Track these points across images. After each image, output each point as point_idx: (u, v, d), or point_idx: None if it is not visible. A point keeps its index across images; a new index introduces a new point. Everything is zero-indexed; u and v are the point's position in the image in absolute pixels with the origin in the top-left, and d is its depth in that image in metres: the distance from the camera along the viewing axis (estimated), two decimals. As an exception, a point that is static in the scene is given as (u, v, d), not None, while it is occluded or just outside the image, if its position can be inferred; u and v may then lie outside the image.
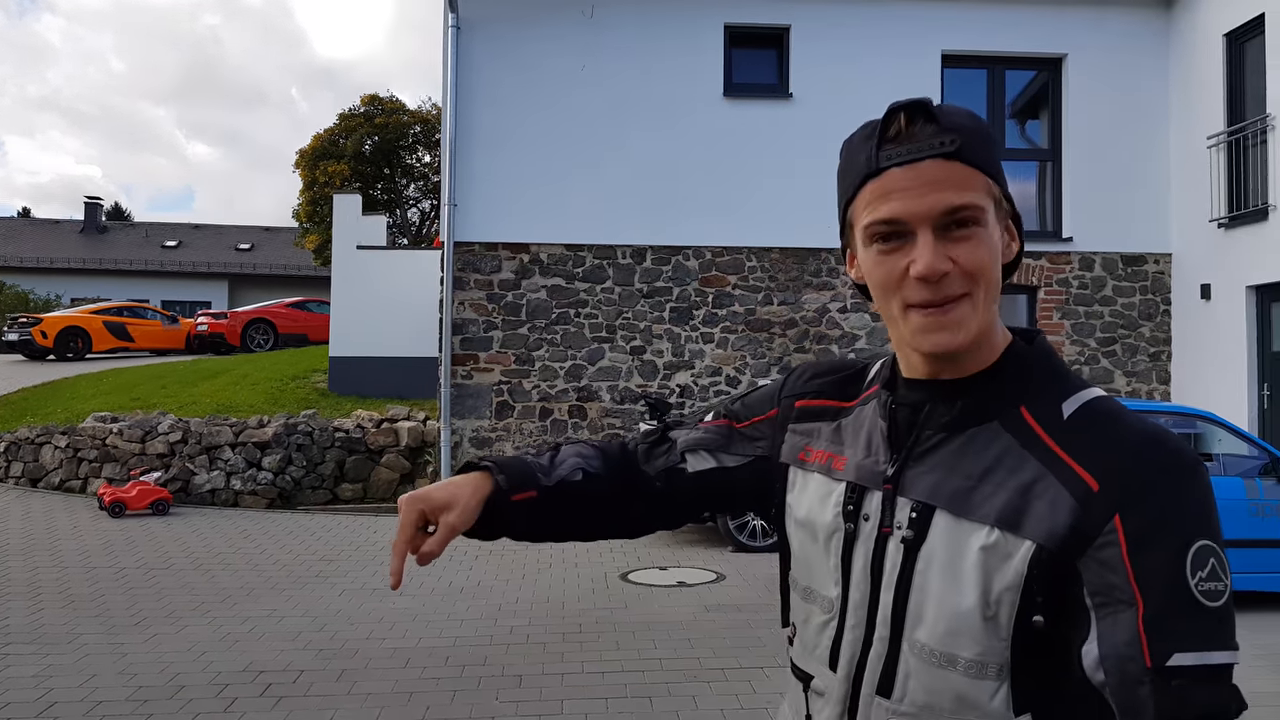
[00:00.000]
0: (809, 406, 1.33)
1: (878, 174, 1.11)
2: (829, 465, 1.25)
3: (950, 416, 1.15)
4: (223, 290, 39.52)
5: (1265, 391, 10.86)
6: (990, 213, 1.11)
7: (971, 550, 1.08)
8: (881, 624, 1.14)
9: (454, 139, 11.90)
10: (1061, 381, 1.15)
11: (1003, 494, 1.08)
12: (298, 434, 12.10)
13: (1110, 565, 1.01)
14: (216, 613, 6.84)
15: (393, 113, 33.71)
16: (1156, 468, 1.04)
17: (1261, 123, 10.77)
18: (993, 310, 1.13)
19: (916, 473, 1.15)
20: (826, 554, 1.21)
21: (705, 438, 1.42)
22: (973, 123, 1.13)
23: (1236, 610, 1.04)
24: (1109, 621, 1.01)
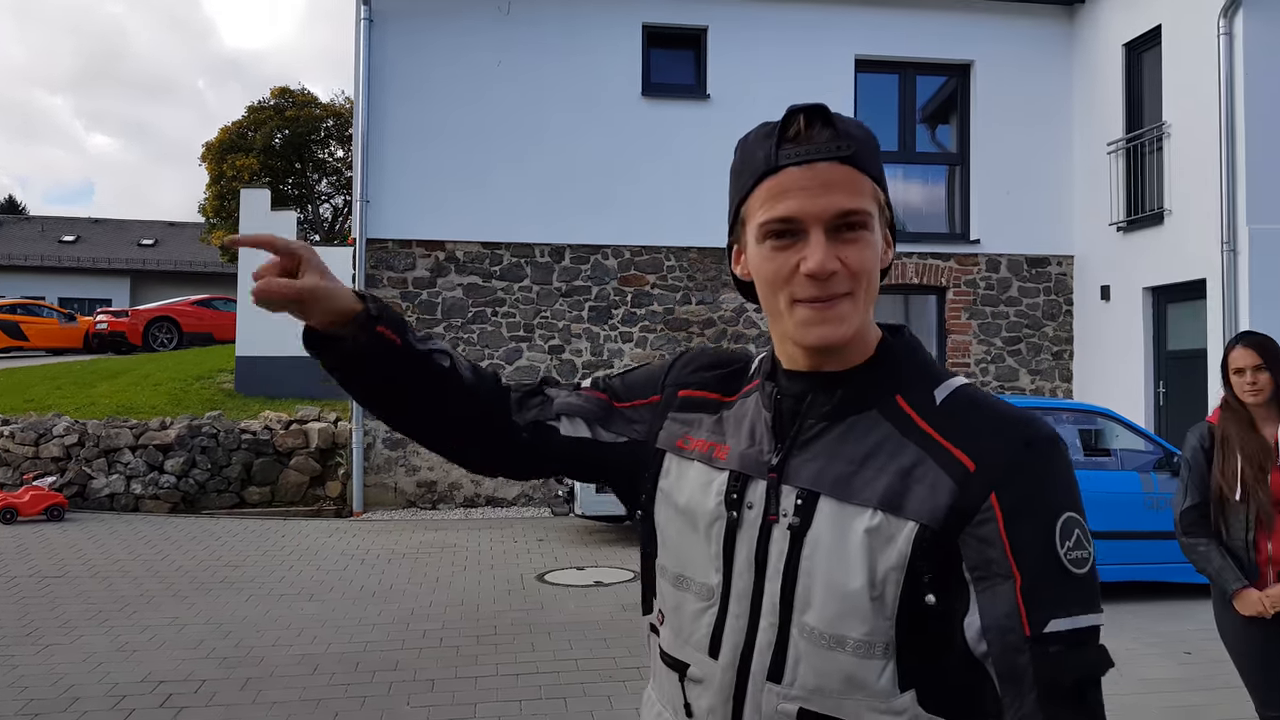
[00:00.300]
0: (692, 397, 1.34)
1: (775, 171, 1.15)
2: (710, 454, 1.26)
3: (831, 405, 1.19)
4: (124, 287, 38.22)
5: (1160, 389, 11.27)
6: (875, 218, 1.17)
7: (856, 533, 1.11)
8: (769, 610, 1.16)
9: (366, 133, 11.69)
10: (930, 371, 1.22)
11: (884, 478, 1.12)
12: (202, 436, 11.76)
13: (988, 541, 1.08)
14: (114, 622, 6.60)
15: (304, 106, 33.00)
16: (1025, 447, 1.11)
17: (1157, 130, 11.17)
18: (870, 311, 1.19)
19: (800, 461, 1.18)
20: (707, 541, 1.22)
21: (584, 406, 1.39)
22: (864, 132, 1.18)
23: (1136, 600, 1.08)
24: (989, 595, 1.08)
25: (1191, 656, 5.87)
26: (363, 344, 1.22)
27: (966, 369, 12.60)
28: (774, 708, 1.14)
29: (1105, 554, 7.07)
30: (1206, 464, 3.44)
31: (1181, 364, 10.95)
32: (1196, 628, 6.42)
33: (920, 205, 13.22)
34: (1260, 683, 3.29)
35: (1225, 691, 5.12)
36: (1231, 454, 3.35)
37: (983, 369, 12.65)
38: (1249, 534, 3.30)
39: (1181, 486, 3.50)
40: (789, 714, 1.14)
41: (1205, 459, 3.44)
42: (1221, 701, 5.04)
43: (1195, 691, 5.25)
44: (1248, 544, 3.31)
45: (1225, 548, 3.36)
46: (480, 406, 1.35)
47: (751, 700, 1.16)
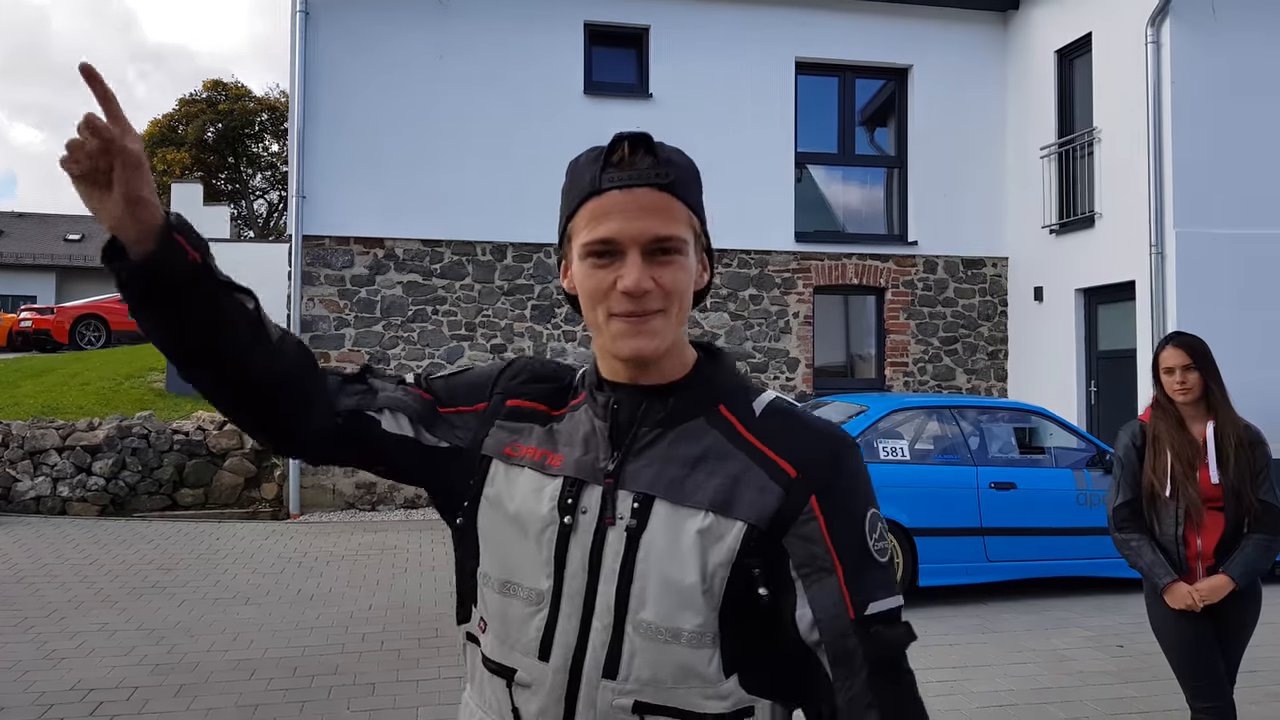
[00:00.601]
0: (520, 407, 1.37)
1: (599, 194, 1.24)
2: (542, 462, 1.30)
3: (664, 414, 1.27)
4: (50, 284, 37.16)
5: (1093, 388, 11.54)
6: (690, 244, 1.25)
7: (689, 533, 1.20)
8: (604, 610, 1.21)
9: (303, 128, 11.50)
10: (745, 385, 1.34)
11: (714, 481, 1.22)
12: (132, 437, 11.47)
13: (812, 539, 1.20)
14: (41, 628, 6.39)
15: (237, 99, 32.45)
16: (837, 454, 1.25)
17: (1089, 135, 11.43)
18: (683, 327, 1.27)
19: (635, 467, 1.25)
20: (538, 547, 1.26)
21: (411, 405, 1.38)
22: (685, 161, 1.28)
23: (1069, 595, 1.13)
24: (816, 587, 1.20)
25: (1124, 649, 6.03)
26: (154, 253, 1.13)
27: (905, 369, 12.78)
28: (609, 703, 1.20)
29: (1040, 550, 7.25)
30: (1138, 461, 3.52)
31: (1112, 364, 11.23)
32: (1128, 621, 6.61)
33: (859, 207, 13.38)
34: (1190, 674, 3.38)
35: (1156, 684, 5.27)
36: (1162, 451, 3.44)
37: (920, 368, 12.84)
38: (1179, 529, 3.39)
39: (1114, 483, 3.58)
40: (624, 708, 1.20)
41: (1137, 456, 3.53)
42: (1153, 694, 5.17)
43: (1127, 684, 5.38)
44: (1178, 539, 3.40)
45: (1156, 543, 3.44)
46: (290, 372, 1.28)
47: (585, 698, 1.20)
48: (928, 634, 6.39)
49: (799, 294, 12.61)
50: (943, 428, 7.71)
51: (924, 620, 6.71)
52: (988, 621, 6.72)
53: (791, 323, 12.58)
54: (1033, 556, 7.28)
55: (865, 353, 13.13)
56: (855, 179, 13.41)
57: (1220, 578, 3.32)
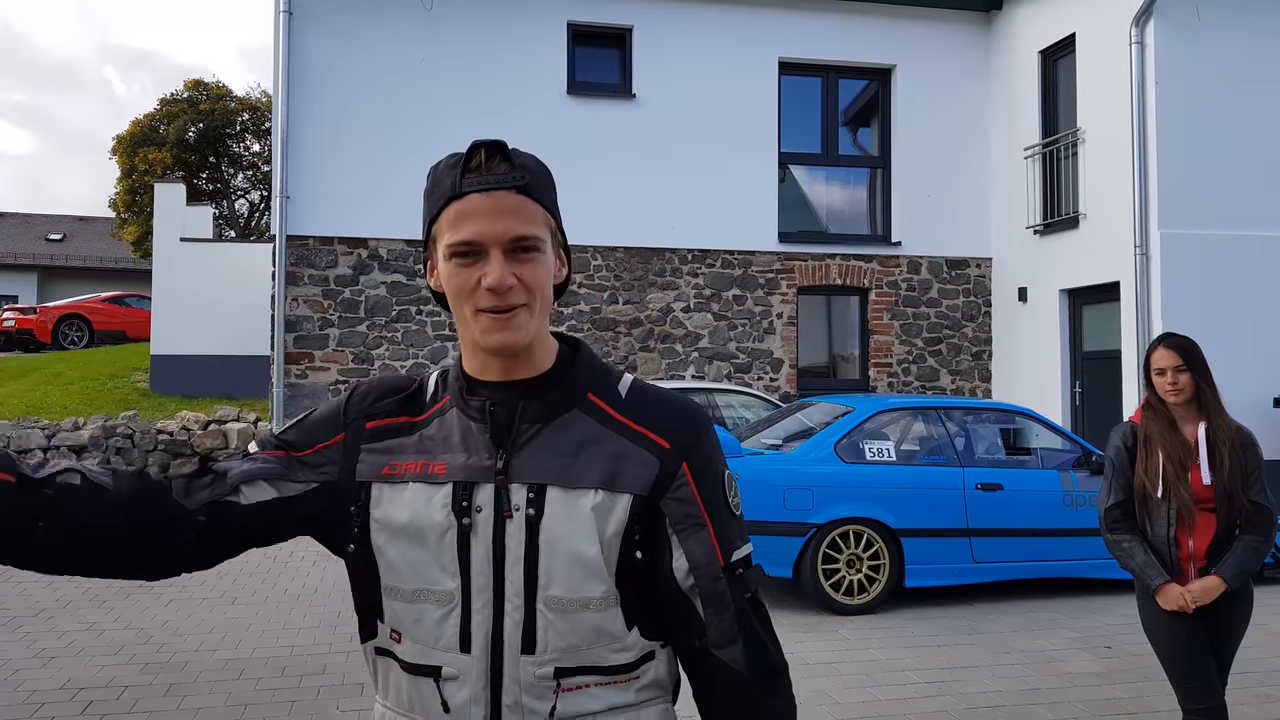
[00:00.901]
0: (381, 426, 1.42)
1: (460, 197, 1.31)
2: (425, 472, 1.36)
3: (542, 409, 1.36)
4: (31, 283, 36.88)
5: (1077, 389, 11.61)
6: (548, 242, 1.35)
7: (584, 511, 1.32)
8: (514, 594, 1.32)
9: (286, 128, 11.46)
10: (609, 372, 1.45)
11: (598, 463, 1.34)
12: (117, 436, 11.41)
13: (685, 500, 1.36)
14: (29, 628, 6.36)
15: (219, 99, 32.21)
16: (697, 423, 1.41)
17: (1072, 136, 11.51)
18: (545, 320, 1.37)
19: (522, 460, 1.34)
20: (439, 551, 1.33)
21: (263, 468, 1.39)
22: (539, 166, 1.38)
23: (1056, 596, 1.14)
24: (691, 540, 1.36)
25: (1111, 650, 6.04)
26: None
27: (889, 369, 12.83)
28: (532, 675, 1.32)
29: (1027, 551, 7.28)
30: (1129, 462, 3.54)
31: (1097, 364, 11.30)
32: (1115, 622, 6.64)
33: (843, 207, 13.42)
34: (1182, 675, 3.41)
35: (1146, 684, 5.30)
36: (1154, 453, 3.46)
37: (904, 369, 12.90)
38: (1170, 531, 3.42)
39: (1106, 484, 3.60)
40: (546, 675, 1.32)
41: (1128, 458, 3.54)
42: (1142, 695, 5.20)
43: (1116, 685, 5.40)
44: (1169, 540, 3.42)
45: (1148, 544, 3.47)
46: (137, 510, 1.30)
47: (509, 676, 1.31)
48: (914, 635, 6.42)
49: (783, 294, 12.64)
50: (928, 429, 7.73)
51: (910, 621, 6.75)
52: (975, 623, 6.75)
53: (775, 323, 12.61)
54: (1019, 557, 7.30)
55: (849, 353, 13.17)
56: (839, 179, 13.46)
57: (1212, 579, 3.35)
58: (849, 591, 6.99)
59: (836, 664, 5.75)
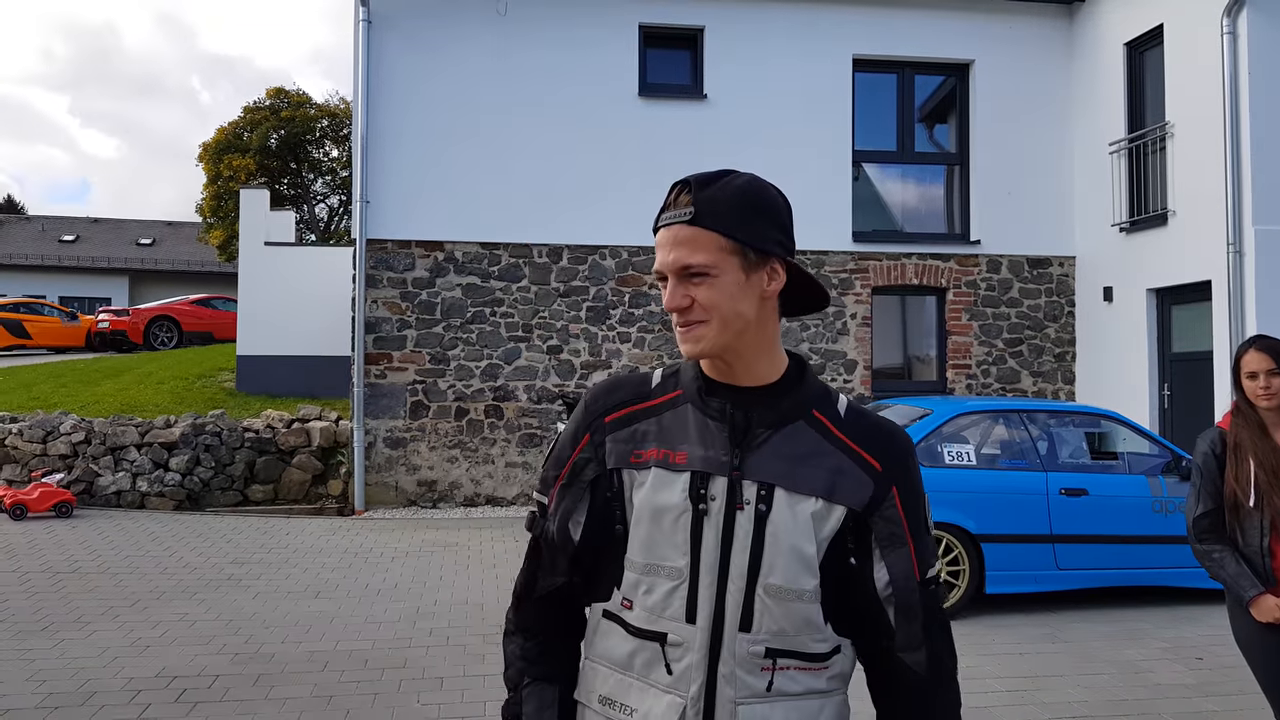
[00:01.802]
0: (619, 415, 1.63)
1: (656, 232, 1.55)
2: (666, 460, 1.55)
3: (775, 416, 1.54)
4: (123, 286, 38.19)
5: (1166, 392, 11.27)
6: (725, 264, 1.50)
7: (805, 514, 1.51)
8: (736, 576, 1.50)
9: (365, 134, 11.68)
10: (827, 390, 1.62)
11: (820, 474, 1.52)
12: (205, 434, 11.76)
13: (892, 520, 1.54)
14: (126, 617, 6.60)
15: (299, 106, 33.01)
16: (906, 452, 1.60)
17: (1160, 130, 11.19)
18: (741, 336, 1.53)
19: (755, 461, 1.52)
20: (674, 531, 1.52)
21: (565, 505, 1.63)
22: (722, 194, 1.50)
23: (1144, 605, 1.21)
24: (892, 556, 1.54)
25: (1203, 662, 5.86)
26: None
27: (968, 370, 12.62)
28: (746, 650, 1.50)
29: (1113, 558, 7.10)
30: (1218, 469, 3.43)
31: (1186, 366, 10.97)
32: (1206, 633, 6.44)
33: (919, 205, 13.23)
34: (1278, 689, 3.30)
35: (1240, 698, 5.13)
36: (1245, 460, 3.34)
37: (984, 370, 12.68)
38: (1264, 540, 3.30)
39: (1194, 492, 3.49)
40: (758, 654, 1.50)
41: (1217, 465, 3.44)
42: (1236, 708, 5.04)
43: (1207, 697, 5.24)
44: (1263, 550, 3.31)
45: (1240, 554, 3.36)
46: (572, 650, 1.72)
47: (727, 649, 1.50)
48: (995, 642, 6.31)
49: (857, 294, 12.51)
50: (1010, 432, 7.58)
51: (991, 629, 6.63)
52: (1058, 631, 6.60)
53: (849, 324, 12.49)
54: (1105, 565, 7.10)
55: (925, 354, 12.98)
56: (914, 177, 13.26)
57: (1308, 589, 3.24)
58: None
59: (914, 669, 5.66)
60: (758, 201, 1.53)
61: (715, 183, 1.51)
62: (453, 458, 11.83)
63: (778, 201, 1.57)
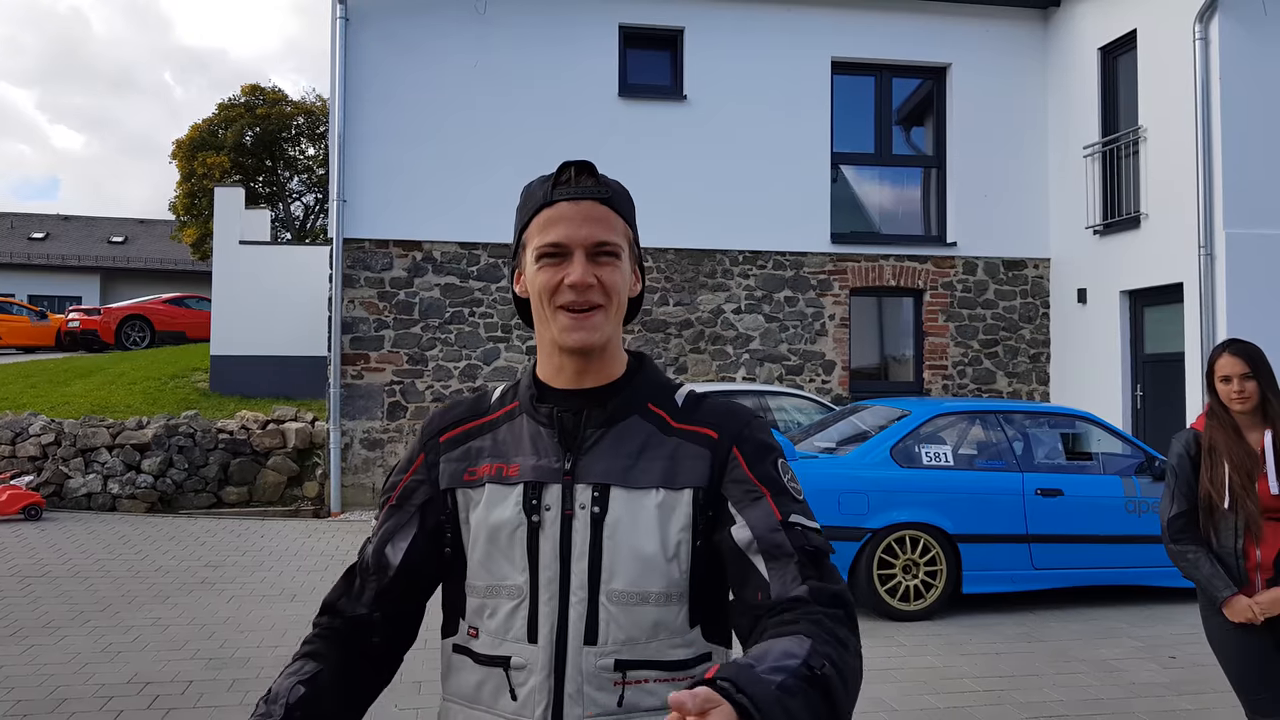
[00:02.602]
0: (454, 435, 1.55)
1: (550, 205, 1.45)
2: (499, 474, 1.47)
3: (605, 415, 1.46)
4: (94, 285, 37.77)
5: (1139, 392, 11.38)
6: (625, 252, 1.47)
7: (648, 509, 1.41)
8: (578, 587, 1.40)
9: (343, 132, 11.62)
10: (669, 384, 1.55)
11: (658, 464, 1.43)
12: (179, 435, 11.65)
13: (741, 480, 1.42)
14: (96, 622, 6.53)
15: (275, 103, 32.78)
16: (745, 415, 1.50)
17: (1133, 134, 11.30)
18: (619, 329, 1.49)
19: (587, 462, 1.43)
20: (510, 547, 1.43)
21: (387, 527, 1.53)
22: (621, 187, 1.50)
23: (1118, 604, 1.14)
24: (749, 510, 1.39)
25: (1176, 660, 5.93)
26: None
27: (944, 371, 12.70)
28: (593, 665, 1.39)
29: (1088, 557, 7.16)
30: (1193, 471, 3.46)
31: (1158, 368, 11.08)
32: (1180, 631, 6.50)
33: (896, 207, 13.30)
34: (1249, 687, 3.33)
35: (1212, 695, 5.18)
36: (1219, 462, 3.38)
37: (960, 371, 12.75)
38: (1238, 541, 3.34)
39: (1168, 493, 3.53)
40: (607, 667, 1.39)
41: (1191, 466, 3.47)
42: (1208, 706, 5.09)
43: (1181, 695, 5.30)
44: (1236, 551, 3.34)
45: (1214, 555, 3.39)
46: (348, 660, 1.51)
47: (572, 665, 1.39)
48: (972, 642, 6.35)
49: (835, 296, 12.56)
50: (986, 433, 7.64)
51: (968, 628, 6.67)
52: (1034, 630, 6.65)
53: (827, 325, 12.54)
54: (1080, 564, 7.17)
55: (902, 355, 13.05)
56: (892, 179, 13.33)
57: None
58: (905, 597, 6.93)
59: (893, 670, 5.70)
60: (633, 203, 1.53)
61: (602, 175, 1.49)
62: (430, 459, 11.75)
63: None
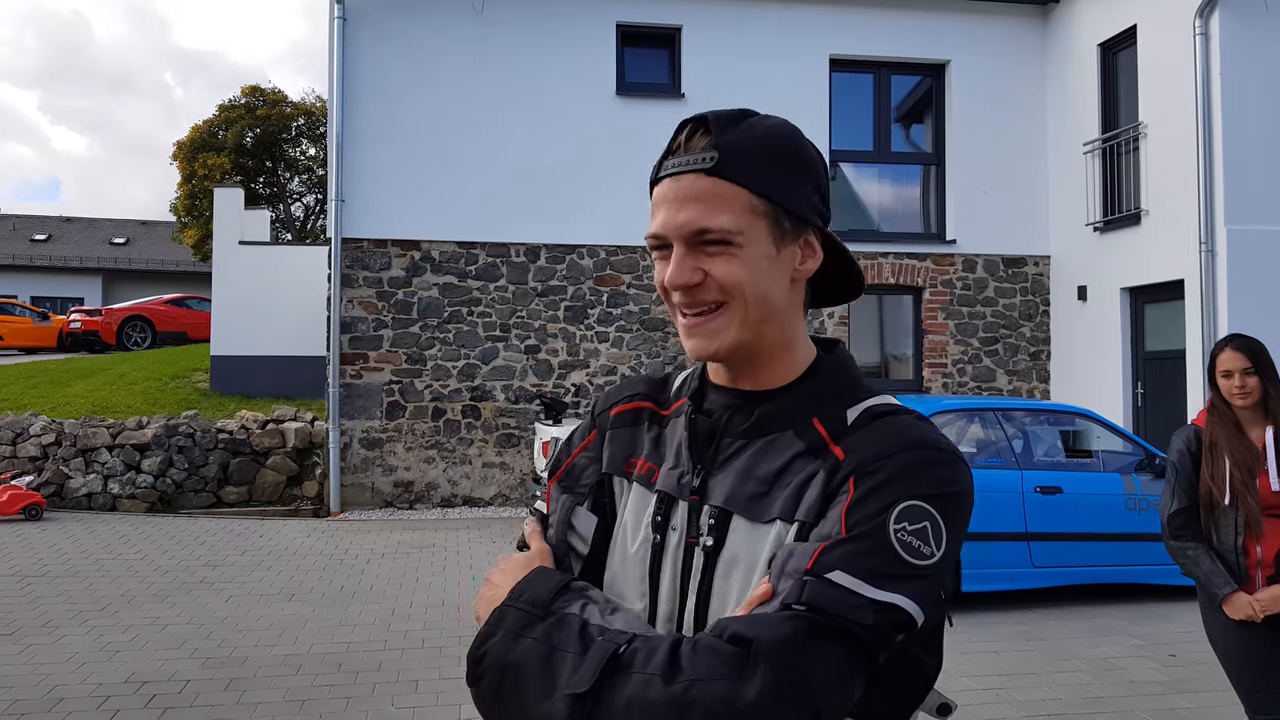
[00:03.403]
0: (624, 411, 1.32)
1: (657, 183, 1.17)
2: (648, 477, 1.24)
3: (747, 424, 1.17)
4: (96, 286, 37.81)
5: (1139, 390, 11.35)
6: (753, 231, 1.13)
7: (765, 551, 1.10)
8: (686, 630, 1.14)
9: (341, 132, 11.60)
10: (852, 390, 1.19)
11: (789, 491, 1.12)
12: (179, 435, 11.65)
13: (832, 519, 1.06)
14: (95, 621, 6.52)
15: (275, 104, 32.80)
16: (902, 450, 1.08)
17: (1134, 130, 11.26)
18: (769, 326, 1.16)
19: (717, 481, 1.17)
20: (637, 565, 1.21)
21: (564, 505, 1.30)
22: (750, 139, 1.14)
23: (1118, 602, 1.01)
24: (803, 546, 1.06)
25: (1176, 659, 5.91)
26: None
27: (944, 370, 12.67)
28: None
29: (1087, 555, 7.14)
30: (1193, 467, 3.44)
31: (1160, 365, 11.04)
32: (1180, 629, 6.48)
33: (895, 205, 13.27)
34: (1249, 685, 3.31)
35: (1212, 694, 5.16)
36: (1220, 458, 3.36)
37: (960, 369, 12.72)
38: (1238, 538, 3.32)
39: (1168, 489, 3.51)
40: None
41: (1192, 462, 3.45)
42: (1208, 705, 5.07)
43: (1181, 694, 5.27)
44: (1237, 548, 3.32)
45: (1214, 551, 3.37)
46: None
47: None
48: (971, 640, 6.32)
49: (837, 294, 12.51)
50: (986, 430, 7.61)
51: (967, 627, 6.65)
52: (1033, 629, 6.63)
53: (827, 323, 12.51)
54: (1080, 562, 7.15)
55: (902, 353, 13.02)
56: (891, 177, 13.30)
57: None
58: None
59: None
60: (796, 152, 1.18)
61: (741, 122, 1.16)
62: (429, 458, 11.76)
63: (816, 155, 1.21)
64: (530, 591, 1.15)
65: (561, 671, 1.04)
